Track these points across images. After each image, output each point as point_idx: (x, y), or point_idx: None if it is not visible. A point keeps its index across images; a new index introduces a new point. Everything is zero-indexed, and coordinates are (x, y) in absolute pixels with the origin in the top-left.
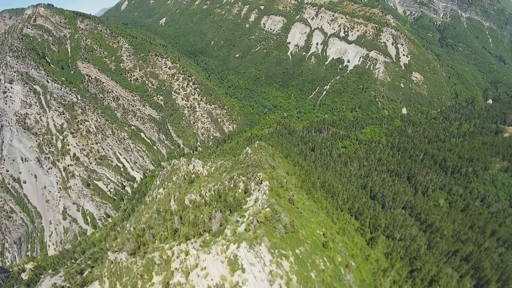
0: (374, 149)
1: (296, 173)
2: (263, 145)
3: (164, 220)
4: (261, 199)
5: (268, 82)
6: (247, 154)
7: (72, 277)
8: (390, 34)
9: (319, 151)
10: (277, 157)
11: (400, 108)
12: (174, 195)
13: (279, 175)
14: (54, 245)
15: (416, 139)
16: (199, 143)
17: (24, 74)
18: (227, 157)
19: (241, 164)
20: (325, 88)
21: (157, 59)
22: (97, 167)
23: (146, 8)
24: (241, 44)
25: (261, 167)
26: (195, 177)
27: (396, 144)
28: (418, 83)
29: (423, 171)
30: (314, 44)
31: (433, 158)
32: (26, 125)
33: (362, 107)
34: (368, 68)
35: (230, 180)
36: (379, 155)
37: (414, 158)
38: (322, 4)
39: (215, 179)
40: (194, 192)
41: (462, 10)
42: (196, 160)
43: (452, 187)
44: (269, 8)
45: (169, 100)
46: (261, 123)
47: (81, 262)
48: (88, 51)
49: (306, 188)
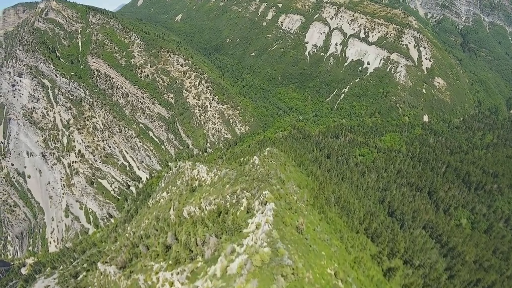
0: (393, 159)
1: (309, 185)
2: (274, 152)
3: (160, 231)
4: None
5: (284, 83)
6: (254, 164)
7: (65, 281)
8: (412, 36)
9: (335, 159)
10: (289, 166)
11: (421, 115)
12: (173, 204)
13: (288, 192)
14: (55, 242)
15: (438, 150)
16: (209, 145)
17: (33, 67)
18: (232, 166)
19: (246, 176)
20: (344, 91)
21: (169, 55)
22: (102, 165)
23: (163, 4)
24: (258, 43)
25: (268, 182)
26: (197, 185)
27: (417, 154)
28: (440, 89)
29: (445, 186)
30: (333, 45)
31: (456, 172)
32: (32, 119)
33: (382, 113)
34: (389, 71)
35: (233, 195)
36: (398, 165)
37: (436, 171)
38: (342, 3)
39: (217, 190)
40: (193, 204)
41: (485, 14)
42: (201, 166)
43: (475, 205)
44: (287, 6)
45: (179, 99)
46: (275, 126)
47: (77, 264)
48: (98, 46)
49: (319, 205)
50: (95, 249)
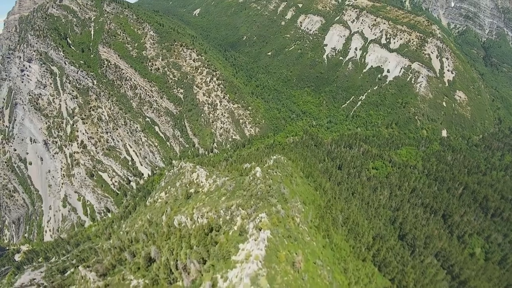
0: (408, 175)
1: (317, 200)
2: (282, 160)
3: (149, 238)
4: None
5: (299, 85)
6: (255, 177)
7: (52, 275)
8: (435, 46)
9: (346, 171)
10: (297, 177)
11: (440, 130)
12: (166, 210)
13: (290, 213)
14: (51, 231)
15: (455, 168)
16: (216, 145)
17: (43, 53)
18: (232, 175)
19: (244, 190)
20: (361, 98)
21: (182, 49)
22: (104, 158)
23: None
24: (275, 42)
25: (267, 201)
26: (193, 191)
27: (433, 171)
28: (461, 104)
29: (461, 209)
30: (353, 49)
31: (473, 195)
32: (38, 105)
33: (399, 124)
34: (409, 81)
35: (227, 210)
36: (413, 183)
37: (453, 192)
38: (364, 7)
39: (212, 202)
40: (185, 214)
41: (509, 28)
42: (201, 169)
43: (491, 233)
44: (307, 6)
45: (189, 94)
46: (286, 130)
47: (67, 259)
48: (110, 36)
49: (324, 227)
50: (88, 244)
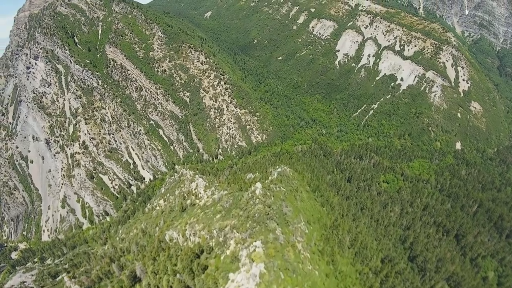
0: (421, 191)
1: (323, 218)
2: (287, 173)
3: (140, 251)
4: None
5: (309, 92)
6: (254, 195)
7: (42, 279)
8: (451, 54)
9: (356, 184)
10: (303, 192)
11: (454, 142)
12: (159, 223)
13: (290, 239)
14: (49, 231)
15: (469, 184)
16: (221, 151)
17: (50, 51)
18: (231, 188)
19: (241, 209)
20: (373, 107)
21: (190, 51)
22: (105, 160)
23: (193, 0)
24: (286, 47)
25: (264, 225)
26: (190, 204)
27: (446, 187)
28: (476, 115)
29: (475, 229)
30: (366, 56)
31: (488, 213)
32: (42, 103)
33: (412, 135)
34: (423, 90)
35: (220, 231)
36: (426, 199)
37: (467, 210)
38: (378, 12)
39: (206, 219)
40: (178, 229)
41: None
42: (200, 179)
43: (505, 255)
44: (320, 11)
45: (195, 98)
46: (294, 138)
47: (60, 262)
48: (118, 35)
49: (329, 251)
50: (84, 247)
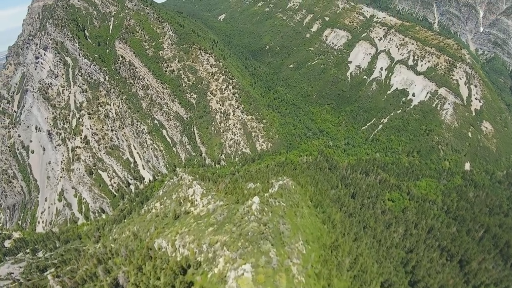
0: (426, 212)
1: (323, 237)
2: (289, 186)
3: (128, 256)
4: None
5: (319, 102)
6: (250, 211)
7: (30, 273)
8: (464, 71)
9: (360, 201)
10: (304, 207)
11: (463, 162)
12: (150, 229)
13: (284, 264)
14: (44, 223)
15: (476, 207)
16: (224, 156)
17: (59, 43)
18: (227, 200)
19: (234, 225)
20: (382, 121)
21: (200, 53)
22: (106, 157)
23: (208, 2)
24: (298, 54)
25: (257, 246)
26: (184, 211)
27: (453, 209)
28: (487, 135)
29: (480, 256)
30: (378, 68)
31: (494, 239)
32: (47, 95)
33: (421, 153)
34: (434, 107)
35: (210, 247)
36: (431, 221)
37: (472, 235)
38: (393, 25)
39: (197, 231)
40: (168, 238)
41: None
42: (197, 186)
43: (509, 284)
44: (334, 20)
45: (202, 101)
46: (300, 148)
47: (50, 256)
48: (128, 32)
49: (326, 275)
50: (77, 243)
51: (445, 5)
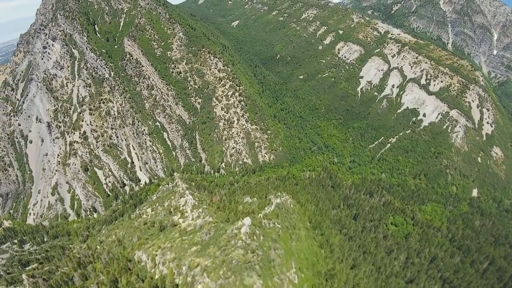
0: (430, 239)
1: (318, 264)
2: (287, 205)
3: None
4: None
5: (327, 116)
6: (238, 234)
7: (11, 266)
8: (477, 94)
9: (362, 223)
10: (301, 228)
11: (471, 188)
12: (134, 237)
13: None
14: (35, 215)
15: (482, 236)
16: (224, 165)
17: (68, 35)
18: (217, 217)
19: (219, 248)
20: (391, 141)
21: (209, 57)
22: (103, 154)
23: (223, 8)
24: (309, 66)
25: (240, 277)
26: (171, 223)
27: (458, 238)
28: (497, 161)
29: None
30: (390, 86)
31: (498, 272)
32: (50, 86)
33: (429, 176)
34: (445, 129)
35: (190, 271)
36: (434, 250)
37: (477, 266)
38: (407, 42)
39: (180, 249)
40: (149, 252)
41: None
42: (189, 196)
43: None
44: (348, 34)
45: (206, 106)
46: (304, 163)
47: (34, 251)
48: (138, 30)
49: None
50: (64, 240)
51: (460, 26)
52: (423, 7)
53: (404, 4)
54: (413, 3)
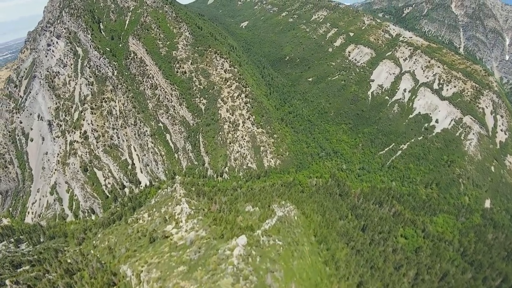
0: (442, 254)
1: (322, 283)
2: (291, 217)
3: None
4: None
5: (336, 121)
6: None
7: (2, 267)
8: (491, 100)
9: (370, 235)
10: (305, 244)
11: (484, 199)
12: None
13: None
14: (33, 214)
15: (495, 250)
16: (227, 169)
17: (72, 33)
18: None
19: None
20: (402, 148)
21: (216, 57)
22: (103, 155)
23: (232, 8)
24: (318, 68)
25: None
26: (163, 235)
27: (470, 252)
28: (510, 171)
29: None
30: (401, 90)
31: None
32: (53, 83)
33: (440, 186)
34: (458, 136)
35: None
36: (446, 265)
37: (489, 283)
38: (419, 45)
39: (167, 267)
40: (134, 267)
41: None
42: (185, 205)
43: None
44: (359, 36)
45: (211, 107)
46: (311, 169)
47: (28, 253)
48: (143, 28)
49: None
50: (60, 241)
51: (471, 30)
52: (435, 10)
53: (416, 7)
54: (425, 6)
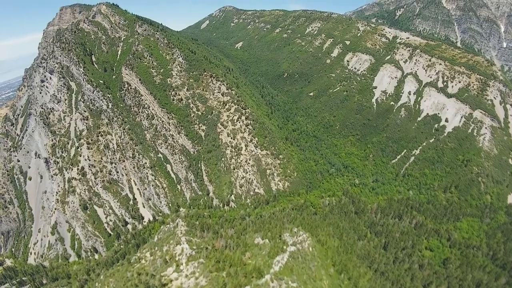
0: (472, 262)
1: None
2: (305, 249)
3: None
4: None
5: (342, 133)
6: None
7: None
8: (498, 90)
9: (393, 253)
10: (324, 277)
11: (506, 195)
12: None
13: None
14: (36, 255)
15: None
16: (234, 197)
17: (65, 67)
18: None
19: None
20: (414, 153)
21: (212, 80)
22: (103, 191)
23: (226, 30)
24: (318, 82)
25: None
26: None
27: (500, 254)
28: None
29: None
30: (406, 93)
31: None
32: (48, 120)
33: (460, 188)
34: (470, 133)
35: None
36: (478, 274)
37: None
38: (418, 45)
39: None
40: None
41: None
42: (186, 245)
43: None
44: (356, 44)
45: (211, 133)
46: (322, 188)
47: None
48: (136, 58)
49: None
50: (63, 283)
51: (466, 22)
52: (427, 8)
53: (407, 8)
54: (416, 5)
